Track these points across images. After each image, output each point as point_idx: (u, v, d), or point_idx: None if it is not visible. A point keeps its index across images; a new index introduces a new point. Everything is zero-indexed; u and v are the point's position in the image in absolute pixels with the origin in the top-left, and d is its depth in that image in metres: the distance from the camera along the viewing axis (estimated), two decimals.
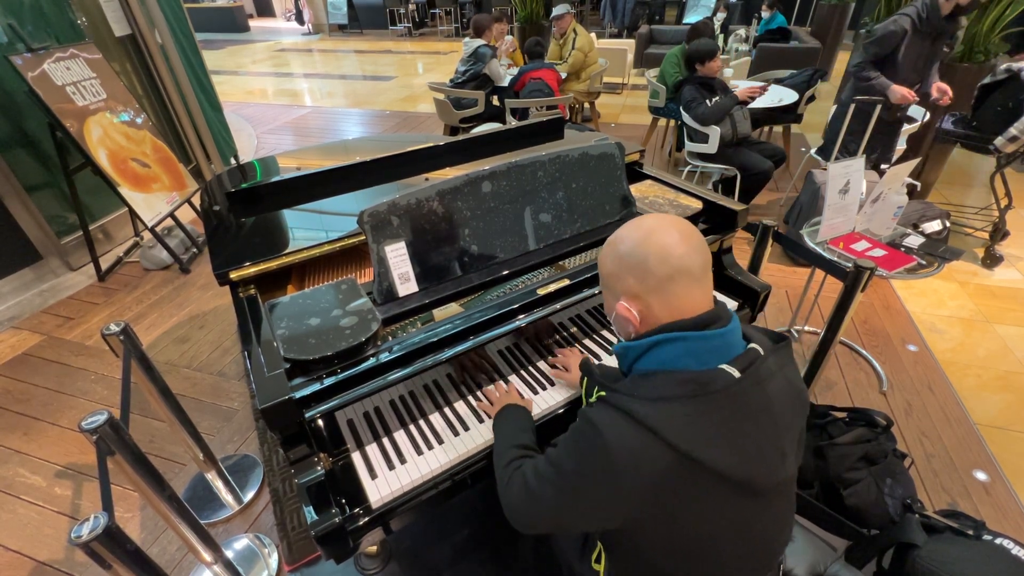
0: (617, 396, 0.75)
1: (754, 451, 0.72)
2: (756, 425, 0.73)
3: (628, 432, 0.70)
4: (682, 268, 0.75)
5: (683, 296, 0.76)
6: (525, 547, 1.65)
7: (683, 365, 0.74)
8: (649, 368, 0.77)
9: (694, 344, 0.74)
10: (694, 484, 0.70)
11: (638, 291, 0.78)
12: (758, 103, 3.83)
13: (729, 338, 0.76)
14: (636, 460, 0.69)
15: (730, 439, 0.70)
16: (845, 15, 7.13)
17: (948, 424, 2.08)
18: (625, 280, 0.79)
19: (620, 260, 0.80)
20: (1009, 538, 1.26)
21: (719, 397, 0.70)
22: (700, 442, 0.69)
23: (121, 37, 3.52)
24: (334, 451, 1.13)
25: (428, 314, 1.25)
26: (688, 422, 0.69)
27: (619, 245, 0.81)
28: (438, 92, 4.40)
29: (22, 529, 1.78)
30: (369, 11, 13.18)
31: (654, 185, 1.79)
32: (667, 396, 0.71)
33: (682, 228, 0.78)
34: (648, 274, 0.76)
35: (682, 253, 0.75)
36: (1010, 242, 3.25)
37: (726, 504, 0.73)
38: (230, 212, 1.65)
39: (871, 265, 1.62)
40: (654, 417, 0.69)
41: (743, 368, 0.73)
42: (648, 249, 0.76)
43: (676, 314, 0.76)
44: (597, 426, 0.73)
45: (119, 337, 1.38)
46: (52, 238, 3.10)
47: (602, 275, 0.85)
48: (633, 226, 0.81)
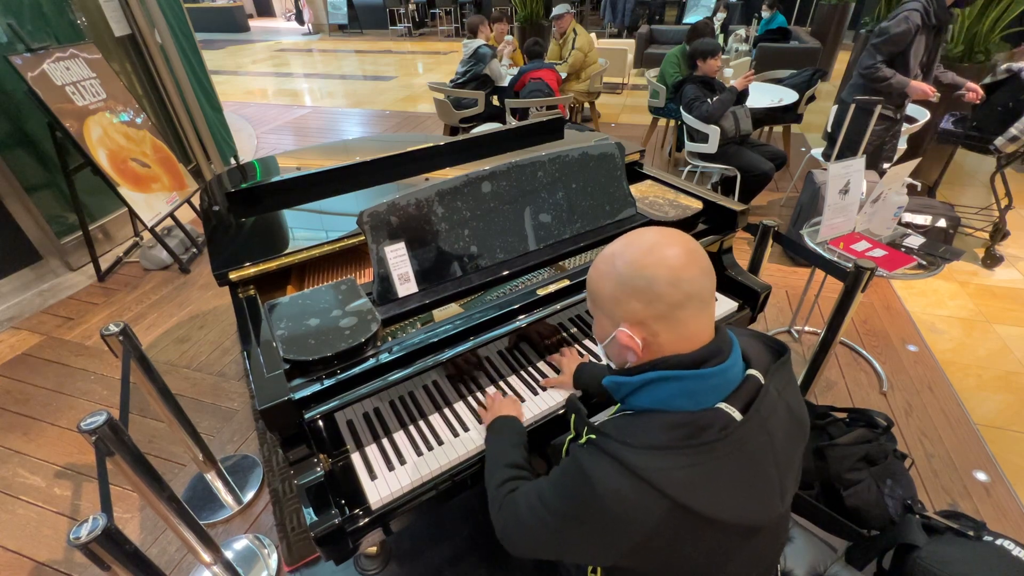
0: (609, 442, 0.69)
1: (754, 496, 0.68)
2: (756, 469, 0.69)
3: (621, 483, 0.66)
4: (693, 293, 0.69)
5: (691, 323, 0.70)
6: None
7: (678, 406, 0.68)
8: (642, 406, 0.72)
9: (691, 384, 0.69)
10: (689, 530, 0.66)
11: (644, 317, 0.70)
12: (758, 103, 3.83)
13: (729, 374, 0.71)
14: (629, 512, 0.65)
15: (729, 488, 0.66)
16: (845, 15, 7.14)
17: (948, 424, 2.08)
18: (628, 305, 0.71)
19: (622, 282, 0.71)
20: (1009, 539, 1.25)
21: (717, 445, 0.65)
22: (696, 492, 0.64)
23: (121, 37, 3.51)
24: (334, 452, 1.13)
25: (428, 314, 1.25)
26: (684, 472, 0.64)
27: (618, 264, 0.72)
28: (438, 92, 4.40)
29: (21, 529, 1.78)
30: (369, 11, 13.18)
31: (654, 185, 1.78)
32: (661, 445, 0.66)
33: (689, 246, 0.71)
34: (657, 299, 0.69)
35: (693, 276, 0.69)
36: (1010, 242, 3.25)
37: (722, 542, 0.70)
38: (230, 212, 1.64)
39: (871, 265, 1.61)
40: (648, 468, 0.65)
41: (744, 406, 0.69)
42: (656, 271, 0.68)
43: (681, 343, 0.71)
44: (589, 475, 0.68)
45: (118, 337, 1.38)
46: (52, 238, 3.10)
47: (596, 297, 0.77)
48: (633, 243, 0.73)
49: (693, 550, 0.68)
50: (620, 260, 0.72)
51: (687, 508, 0.64)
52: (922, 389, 2.25)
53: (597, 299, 0.77)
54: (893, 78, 2.73)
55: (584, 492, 0.69)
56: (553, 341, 1.39)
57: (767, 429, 0.70)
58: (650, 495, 0.64)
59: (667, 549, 0.67)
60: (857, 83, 2.96)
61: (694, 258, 0.70)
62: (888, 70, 2.74)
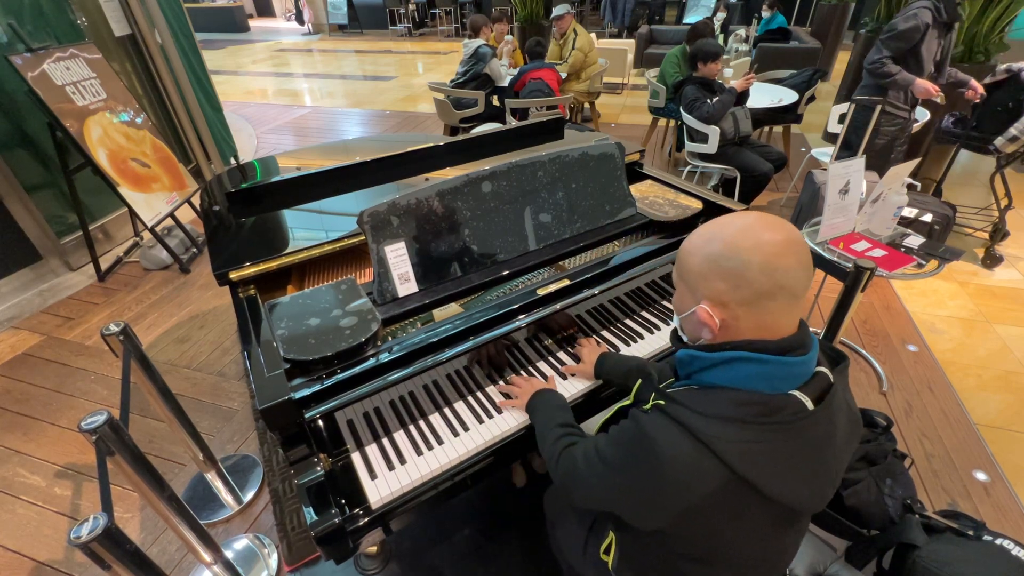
0: (677, 408, 0.70)
1: (810, 481, 0.69)
2: (818, 457, 0.69)
3: (684, 446, 0.66)
4: (785, 285, 0.66)
5: (777, 315, 0.68)
6: (526, 547, 1.65)
7: (753, 386, 0.68)
8: (714, 383, 0.71)
9: (774, 368, 0.68)
10: (741, 503, 0.67)
11: (728, 300, 0.69)
12: (758, 103, 3.83)
13: (806, 367, 0.70)
14: (688, 476, 0.66)
15: (790, 468, 0.67)
16: (845, 15, 7.14)
17: (948, 424, 2.08)
18: (713, 283, 0.69)
19: (713, 261, 0.69)
20: (1009, 538, 1.26)
21: (788, 427, 0.66)
22: (758, 467, 0.65)
23: (121, 37, 3.52)
24: (334, 451, 1.13)
25: (428, 314, 1.25)
26: (749, 446, 0.65)
27: (713, 241, 0.70)
28: (438, 92, 4.40)
29: (21, 529, 1.78)
30: (369, 11, 13.18)
31: (654, 185, 1.78)
32: (732, 416, 0.66)
33: (792, 236, 0.67)
34: (745, 284, 0.66)
35: (789, 267, 0.65)
36: (1010, 242, 3.25)
37: (765, 523, 0.71)
38: (230, 212, 1.64)
39: (871, 265, 1.62)
40: (714, 435, 0.65)
41: (816, 398, 0.69)
42: (752, 256, 0.66)
43: (763, 332, 0.69)
44: (651, 436, 0.69)
45: (119, 337, 1.38)
46: (52, 238, 3.10)
47: (683, 270, 0.75)
48: (735, 222, 0.70)
49: (738, 524, 0.70)
50: (718, 236, 0.70)
51: (745, 480, 0.65)
52: (922, 389, 2.25)
53: (683, 271, 0.75)
54: (898, 74, 2.72)
55: (644, 453, 0.70)
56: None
57: (834, 423, 0.71)
58: (711, 462, 0.65)
59: (714, 519, 0.69)
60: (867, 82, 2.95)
61: (794, 249, 0.67)
62: (894, 66, 2.73)
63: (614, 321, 1.48)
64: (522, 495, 1.80)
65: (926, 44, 2.70)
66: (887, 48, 2.74)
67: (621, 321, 1.50)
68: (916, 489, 1.57)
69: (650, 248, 1.46)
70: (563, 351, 1.40)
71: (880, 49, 2.76)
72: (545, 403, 1.12)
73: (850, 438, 0.75)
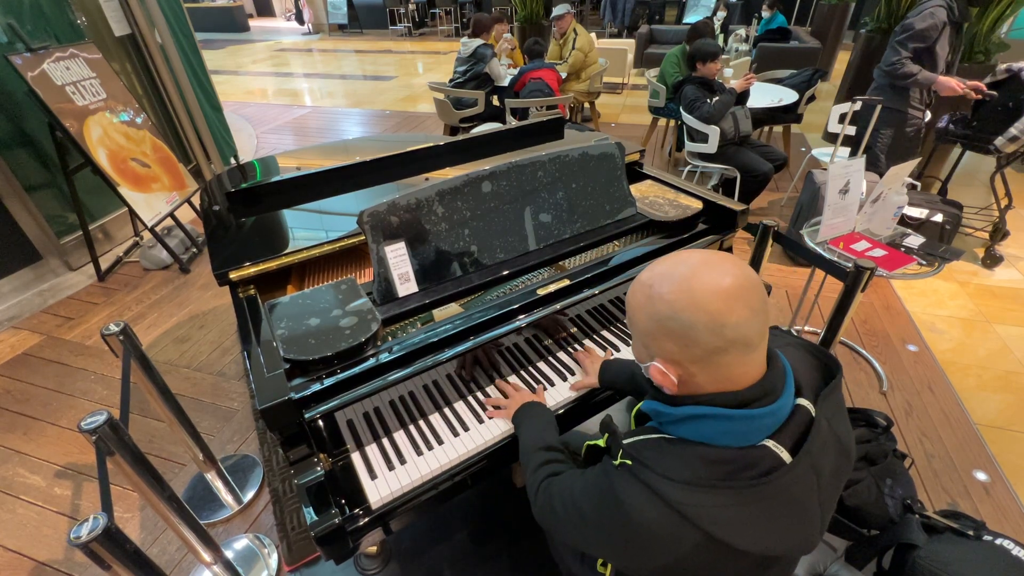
0: (645, 472, 0.66)
1: (792, 532, 0.65)
2: (799, 508, 0.65)
3: (654, 512, 0.63)
4: (737, 339, 0.62)
5: (734, 367, 0.64)
6: (526, 547, 1.65)
7: (721, 442, 0.64)
8: (682, 436, 0.68)
9: (737, 424, 0.64)
10: (719, 560, 0.64)
11: (679, 359, 0.66)
12: (758, 103, 3.83)
13: (779, 414, 0.66)
14: (661, 541, 0.63)
15: (768, 525, 0.63)
16: (845, 15, 7.13)
17: (948, 424, 2.08)
18: (662, 344, 0.66)
19: (658, 322, 0.65)
20: (1009, 538, 1.25)
21: (763, 486, 0.62)
22: (733, 529, 0.61)
23: (121, 37, 3.51)
24: (334, 451, 1.13)
25: (428, 314, 1.25)
26: (722, 511, 0.61)
27: (654, 298, 0.66)
28: (438, 92, 4.40)
29: (21, 529, 1.78)
30: (369, 11, 13.18)
31: (654, 185, 1.78)
32: (700, 481, 0.63)
33: (738, 283, 0.62)
34: (694, 344, 0.63)
35: (738, 322, 0.61)
36: (1010, 242, 3.25)
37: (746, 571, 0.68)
38: (230, 212, 1.64)
39: (871, 265, 1.61)
40: (684, 503, 0.62)
41: (793, 443, 0.65)
42: (694, 317, 0.62)
43: (724, 384, 0.65)
44: (621, 499, 0.66)
45: (119, 337, 1.38)
46: (52, 238, 3.10)
47: (632, 322, 0.72)
48: (673, 275, 0.65)
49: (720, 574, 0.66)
50: (656, 294, 0.66)
51: (721, 542, 0.61)
52: (922, 389, 2.25)
53: (632, 324, 0.72)
54: (919, 74, 2.67)
55: (616, 515, 0.67)
56: (554, 340, 1.39)
57: (816, 469, 0.66)
58: (684, 527, 0.62)
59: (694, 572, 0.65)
60: (881, 83, 2.89)
61: (743, 298, 0.62)
62: (914, 66, 2.68)
63: (614, 321, 1.48)
64: (522, 495, 1.80)
65: (940, 43, 2.66)
66: (904, 48, 2.68)
67: (621, 321, 1.50)
68: (916, 489, 1.57)
69: (650, 248, 1.46)
70: (563, 351, 1.40)
71: (897, 50, 2.70)
72: (531, 419, 1.08)
73: (839, 473, 0.70)
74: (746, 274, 0.64)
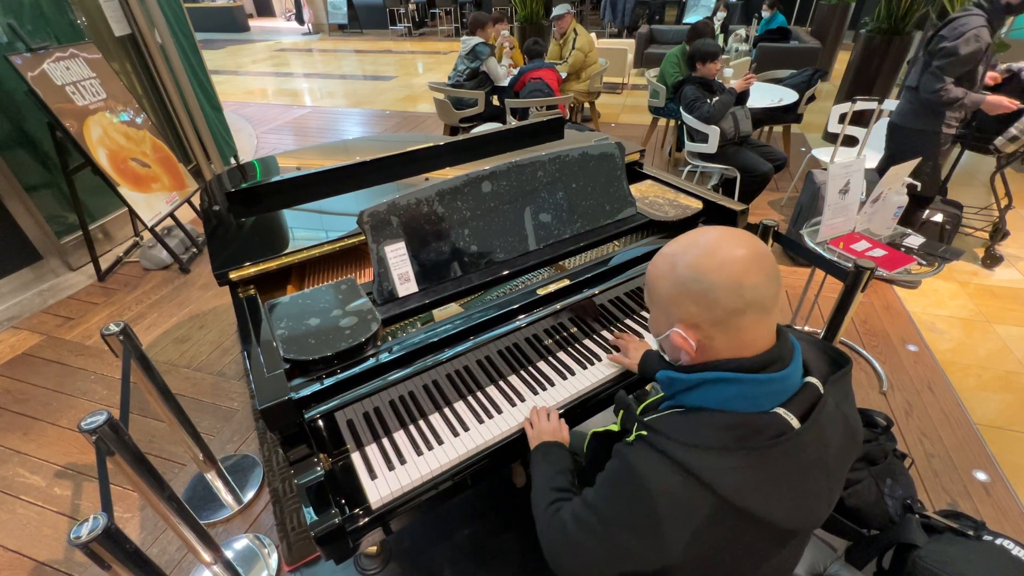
0: (660, 439, 0.69)
1: (801, 502, 0.68)
2: (808, 477, 0.68)
3: (671, 475, 0.66)
4: (754, 301, 0.66)
5: (750, 331, 0.68)
6: (525, 547, 1.65)
7: (734, 407, 0.68)
8: (695, 404, 0.71)
9: (750, 388, 0.67)
10: (734, 528, 0.66)
11: (700, 321, 0.69)
12: (758, 103, 3.84)
13: (788, 380, 0.69)
14: (678, 507, 0.65)
15: (778, 491, 0.66)
16: (845, 15, 7.14)
17: (948, 424, 2.08)
18: (684, 307, 0.70)
19: (681, 285, 0.70)
20: (1009, 538, 1.26)
21: (772, 449, 0.65)
22: (746, 492, 0.64)
23: (121, 37, 3.52)
24: (334, 451, 1.13)
25: (428, 314, 1.25)
26: (735, 473, 0.64)
27: (678, 265, 0.70)
28: (438, 92, 4.40)
29: (21, 529, 1.78)
30: (369, 11, 13.18)
31: (654, 185, 1.78)
32: (714, 444, 0.66)
33: (756, 251, 0.68)
34: (715, 306, 0.67)
35: (756, 283, 0.66)
36: (1010, 242, 3.25)
37: (761, 544, 0.70)
38: (230, 212, 1.64)
39: (871, 265, 1.62)
40: (698, 464, 0.65)
41: (802, 414, 0.68)
42: (717, 278, 0.66)
43: (738, 349, 0.69)
44: (639, 473, 0.68)
45: (119, 337, 1.38)
46: (52, 238, 3.10)
47: (653, 294, 0.75)
48: (698, 245, 0.70)
49: (733, 549, 0.68)
50: (680, 261, 0.70)
51: (735, 506, 0.64)
52: (922, 389, 2.25)
53: (653, 296, 0.75)
54: (966, 97, 2.52)
55: (635, 491, 0.68)
56: (554, 340, 1.39)
57: (823, 440, 0.69)
58: (699, 492, 0.64)
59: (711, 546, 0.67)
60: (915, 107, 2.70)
61: (759, 263, 0.67)
62: (959, 90, 2.52)
63: (614, 321, 1.48)
64: (522, 495, 1.80)
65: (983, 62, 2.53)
66: (948, 73, 2.50)
67: (621, 321, 1.50)
68: (916, 489, 1.57)
69: (650, 248, 1.46)
70: (563, 351, 1.40)
71: (940, 77, 2.51)
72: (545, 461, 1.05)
73: (846, 452, 0.73)
74: (760, 244, 0.70)
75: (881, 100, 3.09)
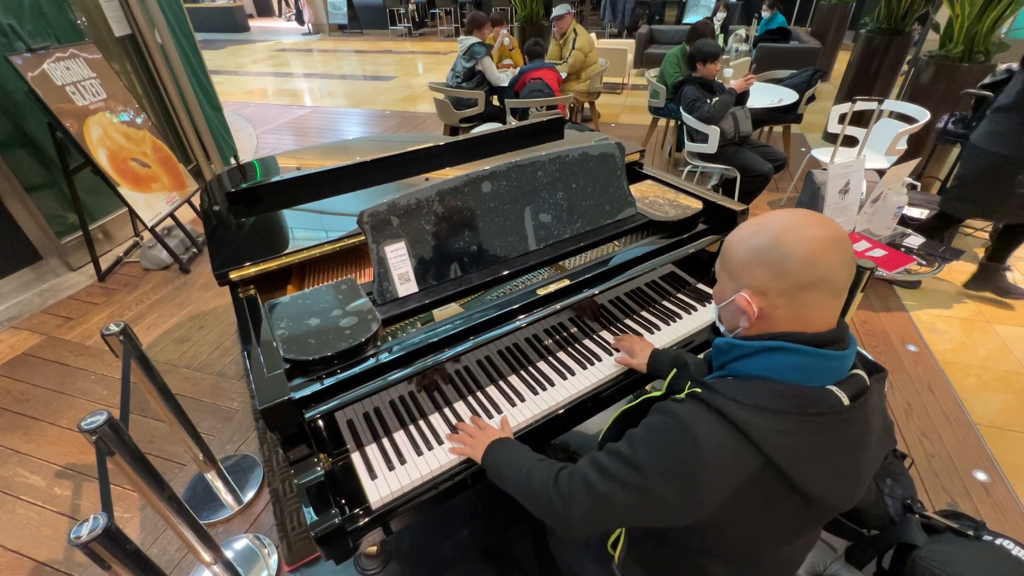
0: (714, 396, 0.70)
1: (840, 478, 0.70)
2: (850, 454, 0.70)
3: (720, 430, 0.68)
4: (825, 279, 0.68)
5: (815, 307, 0.70)
6: (525, 547, 1.65)
7: (791, 378, 0.69)
8: (750, 372, 0.72)
9: (811, 360, 0.68)
10: (772, 494, 0.68)
11: (768, 289, 0.71)
12: (758, 103, 3.84)
13: (844, 363, 0.71)
14: (725, 462, 0.66)
15: (822, 462, 0.68)
16: (845, 15, 7.14)
17: (948, 424, 2.08)
18: (755, 272, 0.72)
19: (756, 251, 0.71)
20: (1009, 538, 1.25)
21: (823, 420, 0.67)
22: (792, 457, 0.66)
23: (121, 37, 3.51)
24: (334, 451, 1.13)
25: (428, 314, 1.25)
26: (785, 436, 0.66)
27: (759, 234, 0.72)
28: (438, 92, 4.40)
29: (21, 529, 1.78)
30: (369, 11, 13.17)
31: (654, 185, 1.78)
32: (769, 407, 0.67)
33: (837, 234, 0.69)
34: (786, 275, 0.69)
35: (831, 263, 0.67)
36: None
37: (792, 518, 0.71)
38: (230, 212, 1.64)
39: (871, 265, 1.62)
40: (751, 423, 0.66)
41: (852, 396, 0.69)
42: (794, 248, 0.68)
43: (799, 324, 0.70)
44: (686, 422, 0.69)
45: (119, 337, 1.38)
46: (52, 238, 3.10)
47: (726, 259, 0.78)
48: (782, 218, 0.72)
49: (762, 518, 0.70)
50: (762, 230, 0.72)
51: (778, 469, 0.66)
52: (922, 389, 2.25)
53: (727, 260, 0.77)
54: None
55: (683, 443, 0.69)
56: (554, 340, 1.39)
57: (868, 424, 0.71)
58: (747, 449, 0.66)
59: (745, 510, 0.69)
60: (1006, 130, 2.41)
61: (838, 247, 0.68)
62: None
63: (614, 321, 1.48)
64: None
65: None
66: None
67: (621, 321, 1.50)
68: (916, 489, 1.57)
69: (650, 248, 1.46)
70: (563, 351, 1.40)
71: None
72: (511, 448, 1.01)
73: (883, 443, 0.76)
74: (843, 231, 0.71)
75: (881, 100, 3.09)
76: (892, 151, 3.24)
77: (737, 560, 0.78)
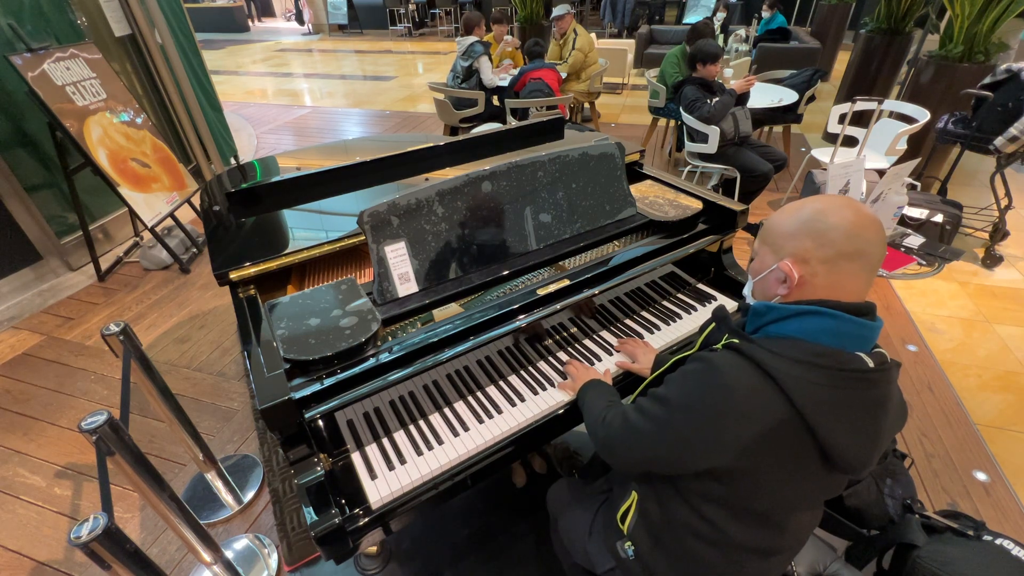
0: (750, 346, 0.75)
1: (860, 437, 0.73)
2: (870, 417, 0.74)
3: (752, 377, 0.72)
4: (865, 251, 0.74)
5: (851, 278, 0.75)
6: (525, 547, 1.65)
7: (824, 341, 0.73)
8: (785, 334, 0.76)
9: (844, 325, 0.73)
10: (795, 446, 0.72)
11: (810, 256, 0.76)
12: (758, 103, 3.83)
13: (873, 333, 0.76)
14: (753, 407, 0.71)
15: (845, 418, 0.72)
16: (845, 15, 7.14)
17: (948, 424, 2.08)
18: (801, 241, 0.77)
19: (803, 222, 0.78)
20: (1009, 538, 1.25)
21: (850, 378, 0.71)
22: (819, 410, 0.70)
23: (121, 37, 3.52)
24: (334, 451, 1.13)
25: (428, 314, 1.25)
26: (813, 387, 0.70)
27: (805, 209, 0.79)
28: (438, 92, 4.40)
29: (21, 529, 1.78)
30: (369, 11, 13.17)
31: (654, 185, 1.78)
32: (800, 359, 0.72)
33: (875, 219, 0.77)
34: (829, 244, 0.75)
35: (870, 238, 0.74)
36: (1010, 242, 3.25)
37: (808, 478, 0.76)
38: (230, 212, 1.64)
39: None
40: (782, 371, 0.71)
41: (877, 363, 0.74)
42: (839, 220, 0.75)
43: (835, 293, 0.76)
44: (719, 367, 0.75)
45: (119, 337, 1.38)
46: (52, 238, 3.10)
47: (771, 231, 0.83)
48: (823, 197, 0.80)
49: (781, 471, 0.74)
50: (809, 205, 0.79)
51: (803, 418, 0.70)
52: (922, 389, 2.25)
53: (770, 233, 0.83)
54: None
55: (714, 385, 0.75)
56: (554, 341, 1.39)
57: (889, 392, 0.76)
58: (776, 398, 0.71)
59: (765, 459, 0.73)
60: None
61: (876, 228, 0.75)
62: None
63: (614, 321, 1.49)
64: (522, 495, 1.80)
65: None
66: None
67: (621, 321, 1.50)
68: (916, 489, 1.57)
69: (650, 248, 1.46)
70: (563, 351, 1.40)
71: None
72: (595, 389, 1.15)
73: (899, 416, 0.81)
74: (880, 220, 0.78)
75: (881, 100, 3.09)
76: (892, 151, 3.24)
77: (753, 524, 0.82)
